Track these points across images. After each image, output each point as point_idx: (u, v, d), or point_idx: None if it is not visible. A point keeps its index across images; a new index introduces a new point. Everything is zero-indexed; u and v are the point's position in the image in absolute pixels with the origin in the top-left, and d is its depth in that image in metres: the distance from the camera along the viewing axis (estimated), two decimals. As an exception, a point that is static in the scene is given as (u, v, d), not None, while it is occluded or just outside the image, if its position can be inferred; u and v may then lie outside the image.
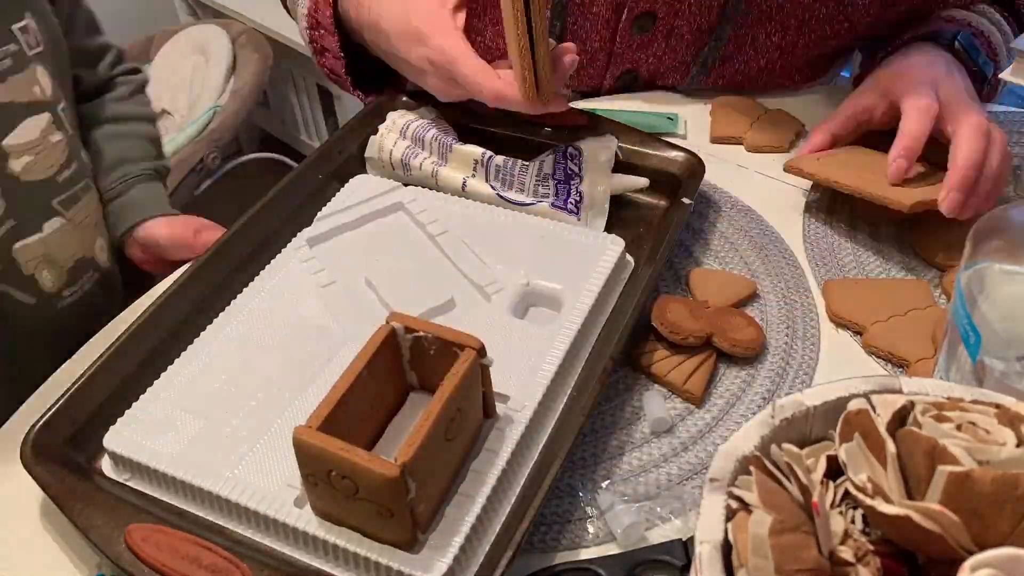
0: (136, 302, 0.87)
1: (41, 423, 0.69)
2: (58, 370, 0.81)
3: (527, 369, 0.71)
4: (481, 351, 0.64)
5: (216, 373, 0.73)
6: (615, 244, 0.82)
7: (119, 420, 0.70)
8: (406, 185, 0.91)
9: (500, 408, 0.68)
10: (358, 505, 0.59)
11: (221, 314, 0.78)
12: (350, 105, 2.53)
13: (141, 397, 0.72)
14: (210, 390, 0.72)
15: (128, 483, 0.68)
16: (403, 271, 0.82)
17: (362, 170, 0.94)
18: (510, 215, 0.87)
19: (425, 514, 0.61)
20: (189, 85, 2.36)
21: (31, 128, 0.98)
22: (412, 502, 0.58)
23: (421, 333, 0.65)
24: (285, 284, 0.81)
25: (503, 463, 0.65)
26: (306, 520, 0.62)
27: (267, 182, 0.90)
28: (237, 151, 2.67)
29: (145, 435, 0.69)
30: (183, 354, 0.75)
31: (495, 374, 0.67)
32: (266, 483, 0.65)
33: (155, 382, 0.73)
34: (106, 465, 0.70)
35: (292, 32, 2.43)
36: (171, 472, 0.66)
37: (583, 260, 0.81)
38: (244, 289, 0.81)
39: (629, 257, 0.84)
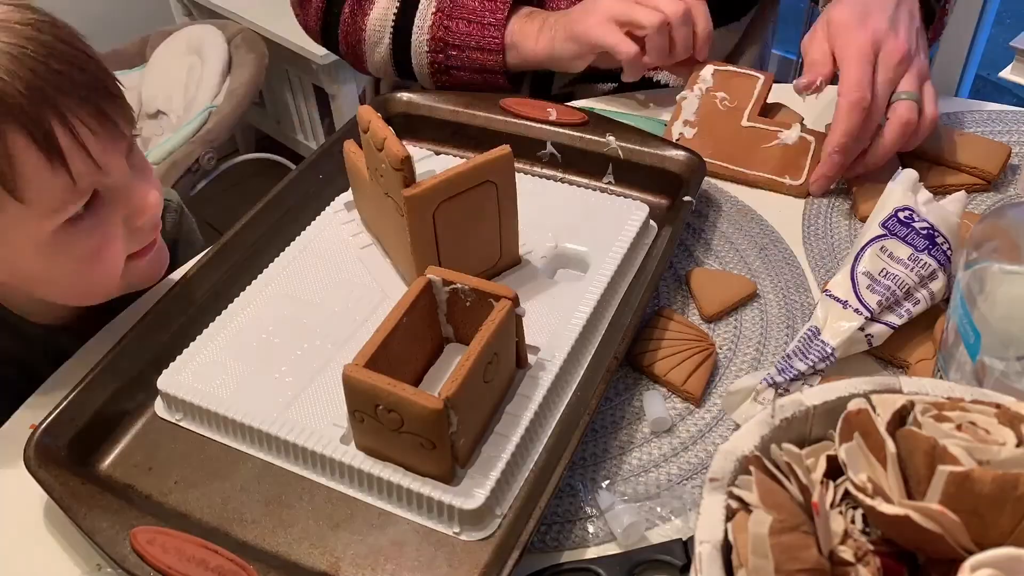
0: (134, 303, 0.87)
1: (44, 426, 0.69)
2: (58, 370, 0.81)
3: (557, 323, 0.75)
4: (515, 301, 0.68)
5: (263, 325, 0.78)
6: (639, 209, 0.86)
7: (171, 364, 0.74)
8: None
9: (531, 359, 0.73)
10: (402, 439, 0.63)
11: (265, 271, 0.82)
12: (346, 105, 2.53)
13: (192, 344, 0.76)
14: (257, 340, 0.76)
15: (180, 423, 0.72)
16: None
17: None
18: (539, 182, 0.91)
19: (464, 449, 0.65)
20: (184, 85, 2.35)
21: None
22: (453, 436, 0.62)
23: (458, 285, 0.70)
24: (325, 245, 0.85)
25: (536, 406, 0.69)
26: (352, 455, 0.66)
27: (263, 182, 0.91)
28: (233, 151, 2.66)
29: (197, 378, 0.73)
30: (230, 306, 0.79)
31: (527, 329, 0.72)
32: (313, 423, 0.69)
33: (204, 331, 0.77)
34: (159, 406, 0.74)
35: (288, 33, 2.42)
36: (223, 412, 0.70)
37: (609, 224, 0.84)
38: (286, 248, 0.85)
39: (653, 223, 0.87)
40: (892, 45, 0.89)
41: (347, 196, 0.90)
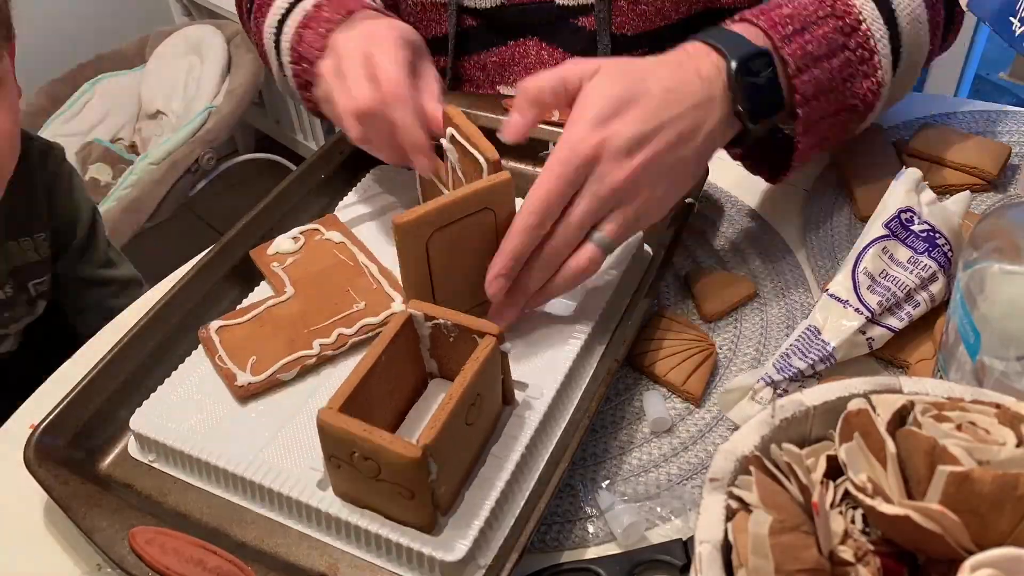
0: (136, 302, 0.87)
1: (44, 425, 0.69)
2: (58, 370, 0.81)
3: (546, 358, 0.73)
4: (500, 338, 0.65)
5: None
6: (632, 237, 0.83)
7: (144, 403, 0.72)
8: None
9: (519, 395, 0.70)
10: (380, 487, 0.60)
11: (245, 301, 0.80)
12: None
13: (166, 380, 0.73)
14: None
15: (153, 464, 0.70)
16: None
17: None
18: None
19: (446, 496, 0.62)
20: (184, 86, 2.36)
21: None
22: (433, 484, 0.60)
23: (440, 320, 0.67)
24: None
25: (522, 448, 0.66)
26: (329, 502, 0.64)
27: (262, 183, 0.91)
28: (232, 151, 2.67)
29: (170, 417, 0.70)
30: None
31: (514, 363, 0.69)
32: (290, 466, 0.67)
33: (180, 366, 0.75)
34: (132, 447, 0.71)
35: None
36: (196, 454, 0.67)
37: None
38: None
39: (648, 248, 0.85)
40: (616, 168, 0.69)
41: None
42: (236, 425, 0.70)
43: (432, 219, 0.68)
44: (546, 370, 0.72)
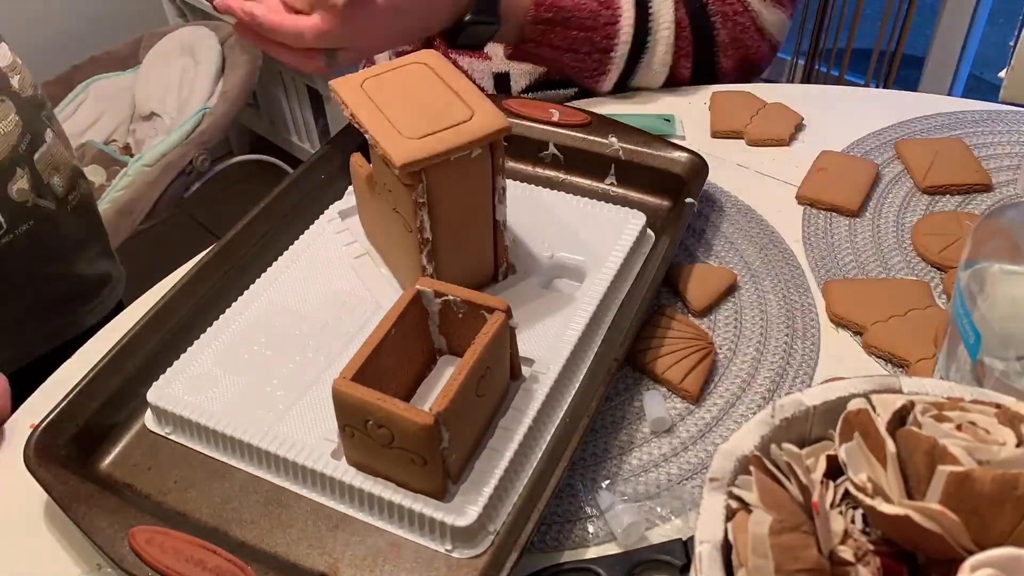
0: (136, 300, 0.87)
1: (44, 424, 0.69)
2: (58, 369, 0.81)
3: (552, 335, 0.75)
4: (508, 313, 0.67)
5: (255, 336, 0.77)
6: (636, 218, 0.85)
7: (161, 376, 0.73)
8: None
9: (526, 371, 0.72)
10: (392, 454, 0.62)
11: (257, 281, 0.82)
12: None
13: (182, 356, 0.75)
14: (249, 352, 0.75)
15: (170, 436, 0.72)
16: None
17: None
18: (534, 190, 0.90)
19: (456, 464, 0.64)
20: (178, 87, 2.35)
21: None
22: (444, 451, 0.61)
23: (449, 297, 0.69)
24: (319, 255, 0.84)
25: (530, 420, 0.68)
26: (343, 471, 0.66)
27: (257, 184, 0.91)
28: (227, 153, 2.67)
29: (187, 391, 0.72)
30: (222, 317, 0.78)
31: (521, 340, 0.71)
32: (304, 437, 0.68)
33: (195, 342, 0.76)
34: (149, 420, 0.73)
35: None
36: (212, 425, 0.69)
37: (605, 233, 0.84)
38: (279, 258, 0.84)
39: (650, 231, 0.86)
40: None
41: (341, 204, 0.89)
42: (251, 398, 0.72)
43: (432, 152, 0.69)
44: (552, 346, 0.73)
